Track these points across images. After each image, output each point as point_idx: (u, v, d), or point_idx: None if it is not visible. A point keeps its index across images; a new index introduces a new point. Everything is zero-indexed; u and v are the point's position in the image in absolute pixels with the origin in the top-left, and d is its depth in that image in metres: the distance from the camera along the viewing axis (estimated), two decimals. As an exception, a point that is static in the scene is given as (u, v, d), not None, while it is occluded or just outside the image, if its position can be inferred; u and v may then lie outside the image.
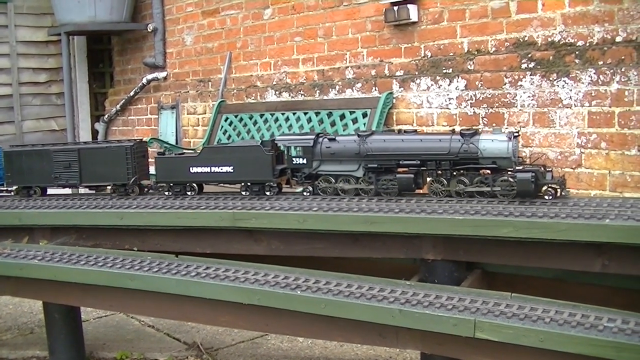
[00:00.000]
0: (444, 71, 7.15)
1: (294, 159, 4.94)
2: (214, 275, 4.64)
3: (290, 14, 8.88)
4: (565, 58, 6.30)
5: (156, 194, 5.45)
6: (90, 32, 11.95)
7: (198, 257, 4.93)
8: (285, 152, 4.98)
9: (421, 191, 4.87)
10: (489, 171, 4.54)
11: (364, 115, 7.64)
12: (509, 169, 4.47)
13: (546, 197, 4.37)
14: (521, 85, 6.57)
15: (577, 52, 6.23)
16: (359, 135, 4.79)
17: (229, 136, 9.26)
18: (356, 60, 8.04)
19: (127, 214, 5.20)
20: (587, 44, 6.20)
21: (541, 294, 4.05)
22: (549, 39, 6.42)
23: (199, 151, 5.35)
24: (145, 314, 6.51)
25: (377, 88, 7.79)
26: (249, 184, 5.11)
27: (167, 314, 5.12)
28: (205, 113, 10.35)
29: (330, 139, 4.88)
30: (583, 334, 3.63)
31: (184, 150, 9.30)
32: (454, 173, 4.58)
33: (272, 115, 8.77)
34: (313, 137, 4.92)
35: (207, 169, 5.15)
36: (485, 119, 6.82)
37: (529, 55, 6.53)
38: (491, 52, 6.81)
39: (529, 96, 6.52)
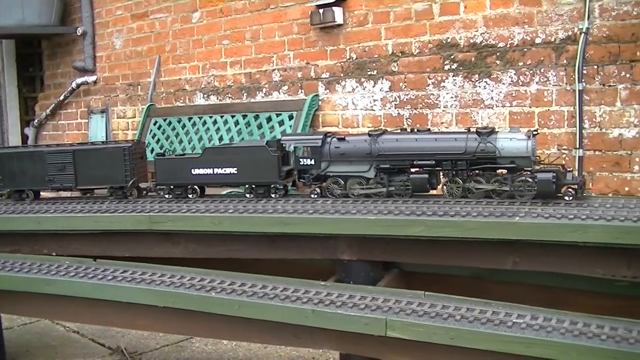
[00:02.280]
0: (369, 73, 7.17)
1: (301, 159, 4.77)
2: (130, 279, 4.61)
3: (218, 17, 8.84)
4: (487, 59, 6.37)
5: (156, 196, 5.24)
6: (19, 36, 11.77)
7: (117, 260, 4.88)
8: (292, 152, 4.84)
9: (435, 192, 4.77)
10: (504, 171, 4.40)
11: (290, 117, 7.64)
12: (529, 169, 4.34)
13: (566, 197, 4.22)
14: (444, 87, 6.62)
15: (498, 54, 6.30)
16: (369, 135, 4.63)
17: (158, 140, 9.18)
18: (283, 62, 8.02)
19: (44, 218, 5.12)
20: (508, 46, 6.27)
21: (460, 293, 4.08)
22: (471, 41, 6.49)
23: (201, 152, 5.16)
24: (64, 319, 6.44)
25: (303, 90, 7.79)
26: (253, 186, 4.95)
27: (85, 318, 5.07)
28: (134, 117, 10.24)
29: (339, 139, 4.72)
30: (492, 330, 3.67)
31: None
32: (470, 173, 4.43)
33: (200, 118, 8.72)
34: (321, 136, 4.76)
35: (209, 171, 4.98)
36: (409, 120, 6.86)
37: (452, 57, 6.58)
38: (415, 53, 6.84)
39: (451, 97, 6.57)
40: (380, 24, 7.11)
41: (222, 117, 8.42)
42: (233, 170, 4.90)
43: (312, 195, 4.77)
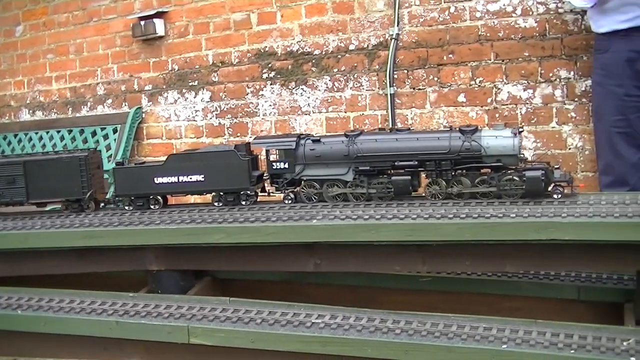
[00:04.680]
0: (190, 84, 7.20)
1: (274, 163, 4.45)
2: None
3: (42, 30, 8.69)
4: (303, 67, 6.49)
5: (116, 209, 4.84)
6: None
7: None
8: (265, 156, 4.51)
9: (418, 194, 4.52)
10: (489, 170, 4.18)
11: (115, 131, 7.58)
12: (515, 167, 4.12)
13: (555, 195, 4.02)
14: (263, 95, 6.71)
15: (313, 61, 6.43)
16: (346, 135, 4.35)
17: (-16, 158, 8.92)
18: (107, 76, 7.96)
19: None
20: (323, 53, 6.41)
21: (273, 297, 4.13)
22: (288, 49, 6.59)
23: (164, 159, 4.78)
24: None
25: (127, 103, 7.75)
26: (222, 193, 4.59)
27: None
28: (-40, 135, 9.95)
29: (314, 140, 4.41)
30: (291, 331, 3.74)
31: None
32: (454, 173, 4.19)
33: (25, 135, 8.54)
34: (295, 138, 4.44)
35: (174, 179, 4.58)
36: (230, 129, 6.92)
37: (270, 65, 6.67)
38: (234, 63, 6.91)
39: (270, 105, 6.66)
40: (201, 34, 7.16)
41: (47, 132, 8.28)
42: (200, 178, 4.55)
43: (286, 201, 4.46)
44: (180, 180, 4.56)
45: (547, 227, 3.64)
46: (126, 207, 4.72)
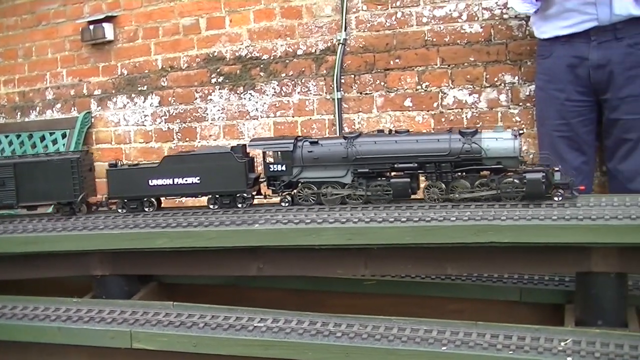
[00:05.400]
0: (139, 89, 7.18)
1: (271, 165, 4.37)
2: None
3: (-10, 34, 8.62)
4: (251, 71, 6.50)
5: (109, 212, 4.71)
6: None
7: None
8: (261, 158, 4.43)
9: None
10: (488, 172, 4.14)
11: (64, 135, 7.54)
12: (515, 169, 4.08)
13: (555, 198, 3.99)
14: (211, 100, 6.72)
15: (262, 66, 6.45)
16: (345, 137, 4.29)
17: None
18: (56, 80, 7.90)
19: None
20: (272, 58, 6.43)
21: (219, 302, 4.13)
22: (237, 54, 6.61)
23: (159, 161, 4.67)
24: None
25: (76, 108, 7.70)
26: (217, 196, 4.49)
27: None
28: None
29: (312, 142, 4.34)
30: (233, 335, 3.75)
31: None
32: (454, 176, 4.14)
33: (-27, 140, 8.46)
34: (292, 140, 4.37)
35: (169, 181, 4.48)
36: (179, 134, 6.92)
37: (218, 70, 6.68)
38: (183, 68, 6.91)
39: (218, 110, 6.67)
40: (150, 39, 7.14)
41: (-5, 137, 8.22)
42: (195, 180, 4.44)
43: (283, 204, 4.39)
44: (175, 183, 4.48)
45: (486, 230, 3.69)
46: (119, 210, 4.63)
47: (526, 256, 3.84)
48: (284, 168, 4.33)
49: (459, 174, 4.11)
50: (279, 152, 4.33)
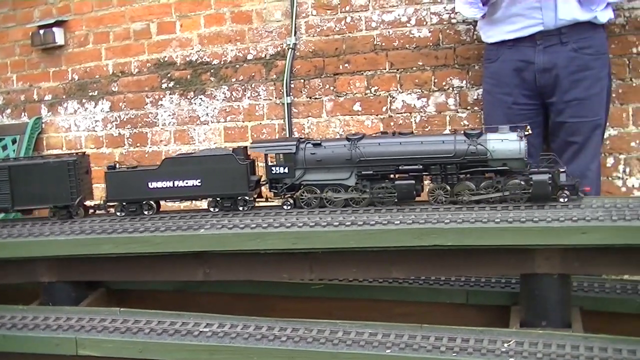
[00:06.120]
0: (90, 94, 7.15)
1: (273, 168, 4.29)
2: None
3: (-61, 39, 8.52)
4: (202, 76, 6.51)
5: (107, 215, 4.61)
6: None
7: None
8: (264, 160, 4.34)
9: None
10: (492, 174, 4.09)
11: (14, 141, 7.48)
12: (521, 171, 4.03)
13: (561, 199, 3.95)
14: (162, 105, 6.71)
15: (212, 71, 6.46)
16: (348, 139, 4.21)
17: None
18: (6, 85, 7.84)
19: None
20: (222, 63, 6.44)
21: (167, 307, 4.12)
22: (187, 59, 6.61)
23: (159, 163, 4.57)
24: None
25: (26, 113, 7.64)
26: (218, 199, 4.40)
27: None
28: None
29: (315, 144, 4.26)
30: (179, 340, 3.75)
31: None
32: (459, 177, 4.09)
33: None
34: (295, 142, 4.28)
35: (169, 184, 4.38)
36: (130, 139, 6.90)
37: (169, 75, 6.68)
38: (134, 73, 6.89)
39: (169, 115, 6.66)
40: (101, 44, 7.11)
41: (-55, 143, 8.12)
42: (196, 182, 4.35)
43: (285, 207, 4.32)
44: (175, 185, 4.39)
45: (430, 233, 3.72)
46: (118, 213, 4.54)
47: (471, 258, 3.87)
48: (286, 170, 4.27)
49: (464, 175, 4.09)
50: (281, 154, 4.26)
